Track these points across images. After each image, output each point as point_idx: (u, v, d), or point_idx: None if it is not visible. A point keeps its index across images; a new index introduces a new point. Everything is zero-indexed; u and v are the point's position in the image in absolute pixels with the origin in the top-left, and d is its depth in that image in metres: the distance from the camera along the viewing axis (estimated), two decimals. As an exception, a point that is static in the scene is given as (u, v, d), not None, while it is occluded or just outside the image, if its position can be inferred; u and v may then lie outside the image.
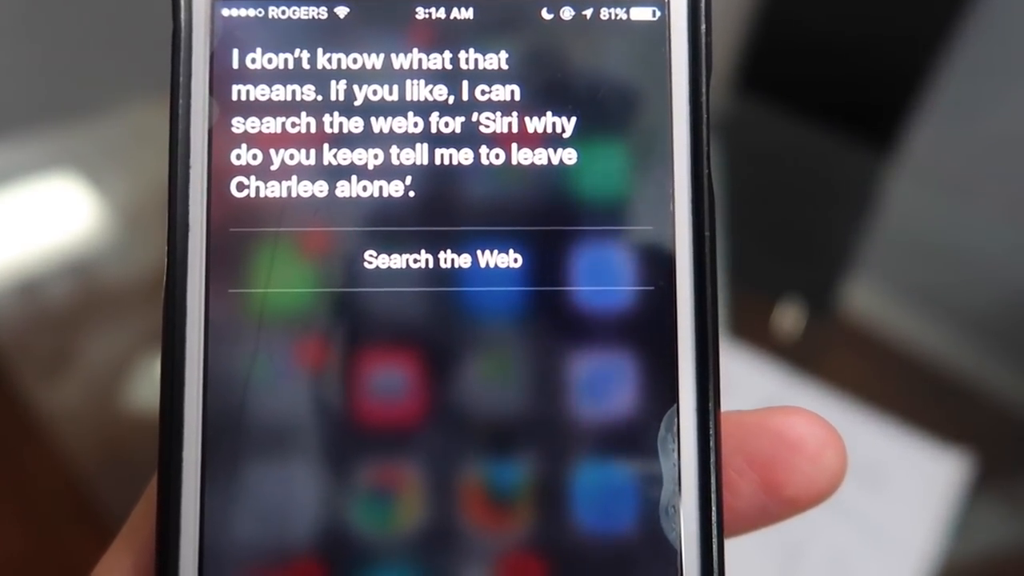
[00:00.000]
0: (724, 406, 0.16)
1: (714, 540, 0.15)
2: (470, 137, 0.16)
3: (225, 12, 0.16)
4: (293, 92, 0.16)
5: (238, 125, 0.16)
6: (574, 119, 0.16)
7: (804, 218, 0.74)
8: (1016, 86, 0.81)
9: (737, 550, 0.16)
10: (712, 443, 0.16)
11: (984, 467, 0.54)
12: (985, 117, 0.83)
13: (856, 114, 0.84)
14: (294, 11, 0.16)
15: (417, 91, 0.16)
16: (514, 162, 0.16)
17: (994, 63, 0.82)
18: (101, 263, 0.68)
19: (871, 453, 0.55)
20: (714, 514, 0.15)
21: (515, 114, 0.16)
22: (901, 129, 0.85)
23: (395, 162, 0.16)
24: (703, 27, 0.16)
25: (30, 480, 0.61)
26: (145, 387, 0.59)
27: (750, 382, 0.56)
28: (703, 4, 0.16)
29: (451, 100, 0.16)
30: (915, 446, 0.55)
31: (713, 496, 0.16)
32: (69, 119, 0.75)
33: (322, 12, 0.16)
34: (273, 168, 0.16)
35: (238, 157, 0.16)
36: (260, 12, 0.16)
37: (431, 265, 0.16)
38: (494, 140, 0.16)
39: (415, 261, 0.16)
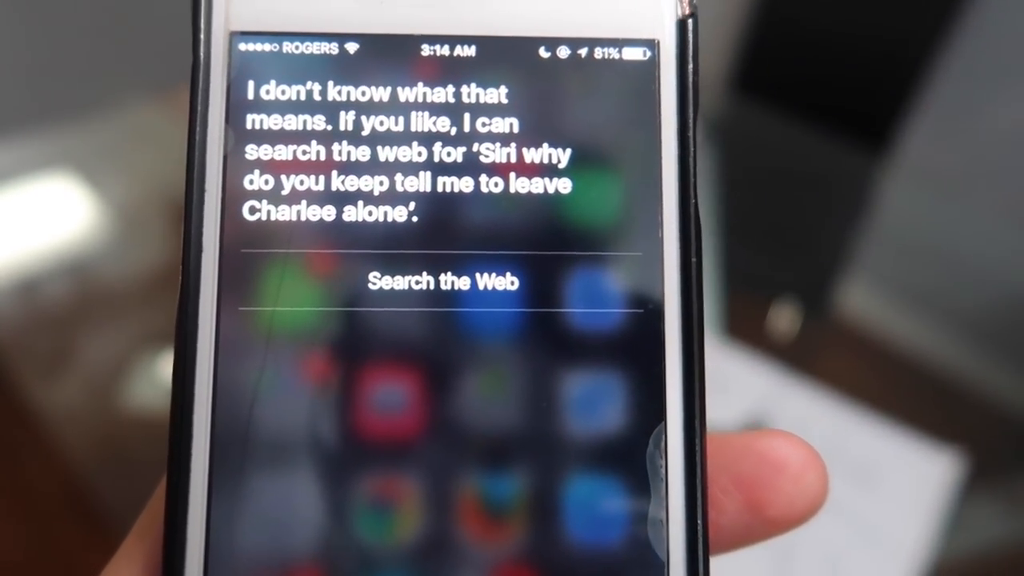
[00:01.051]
0: (720, 405, 0.17)
1: (700, 553, 0.16)
2: (471, 166, 0.17)
3: (242, 47, 0.17)
4: (304, 122, 0.17)
5: (251, 152, 0.17)
6: (569, 151, 0.17)
7: (799, 219, 0.75)
8: (1010, 87, 0.82)
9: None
10: (698, 460, 0.16)
11: (976, 466, 0.55)
12: (979, 118, 0.84)
13: (851, 116, 0.84)
14: (307, 46, 0.17)
15: (421, 122, 0.17)
16: (512, 190, 0.17)
17: (988, 65, 0.82)
18: (99, 263, 0.68)
19: (865, 452, 0.55)
20: (700, 529, 0.16)
21: (513, 145, 0.17)
22: (896, 131, 0.85)
23: (400, 189, 0.17)
24: (690, 66, 0.17)
25: (28, 480, 0.61)
26: (144, 386, 0.59)
27: (745, 382, 0.57)
28: (690, 46, 0.17)
29: (453, 131, 0.17)
30: (908, 445, 0.56)
31: (699, 511, 0.16)
32: (66, 119, 0.75)
33: (333, 48, 0.17)
34: (284, 193, 0.17)
35: (251, 182, 0.17)
36: (275, 47, 0.17)
37: (432, 287, 0.17)
38: (493, 169, 0.17)
39: (417, 283, 0.17)
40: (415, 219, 0.17)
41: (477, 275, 0.17)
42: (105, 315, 0.64)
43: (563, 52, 0.17)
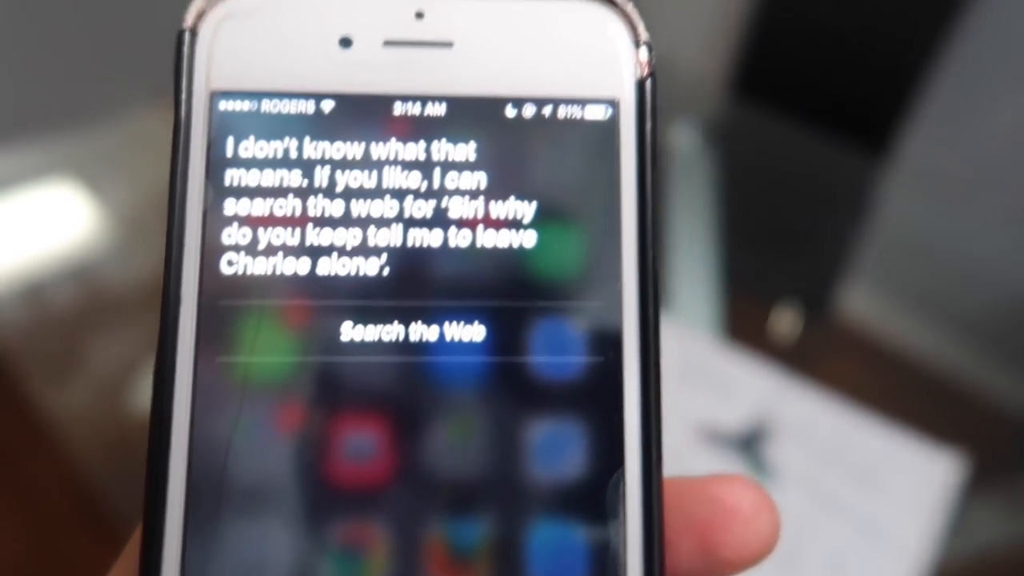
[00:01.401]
0: (722, 409, 0.17)
1: None
2: (440, 220, 0.18)
3: (222, 106, 0.18)
4: (281, 178, 0.17)
5: (230, 207, 0.17)
6: (534, 205, 0.18)
7: (800, 222, 0.75)
8: (1009, 89, 0.82)
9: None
10: (654, 504, 0.17)
11: (978, 467, 0.55)
12: (979, 120, 0.84)
13: (851, 118, 0.85)
14: (285, 104, 0.18)
15: (393, 178, 0.18)
16: (479, 244, 0.18)
17: (987, 67, 0.83)
18: (103, 268, 0.68)
19: (867, 454, 0.55)
20: (656, 571, 0.17)
21: (481, 200, 0.18)
22: (896, 133, 0.85)
23: (371, 242, 0.17)
24: (649, 124, 0.18)
25: (36, 483, 0.62)
26: (150, 390, 0.60)
27: (747, 385, 0.57)
28: (649, 104, 0.18)
29: (424, 187, 0.18)
30: (911, 447, 0.56)
31: (655, 554, 0.17)
32: (68, 126, 0.76)
33: (310, 106, 0.18)
34: (260, 247, 0.17)
35: (229, 236, 0.17)
36: (254, 105, 0.18)
37: (402, 337, 0.17)
38: (462, 223, 0.18)
39: (388, 333, 0.17)
40: (386, 272, 0.17)
41: (445, 325, 0.17)
42: (111, 319, 0.64)
43: (528, 111, 0.18)
